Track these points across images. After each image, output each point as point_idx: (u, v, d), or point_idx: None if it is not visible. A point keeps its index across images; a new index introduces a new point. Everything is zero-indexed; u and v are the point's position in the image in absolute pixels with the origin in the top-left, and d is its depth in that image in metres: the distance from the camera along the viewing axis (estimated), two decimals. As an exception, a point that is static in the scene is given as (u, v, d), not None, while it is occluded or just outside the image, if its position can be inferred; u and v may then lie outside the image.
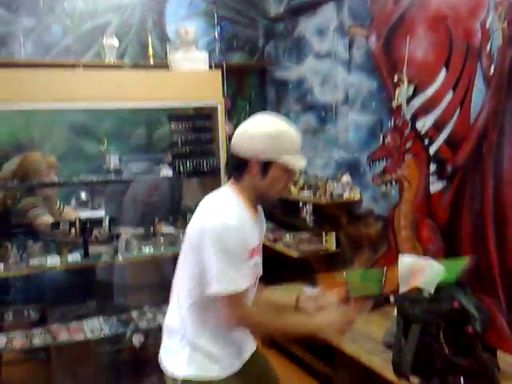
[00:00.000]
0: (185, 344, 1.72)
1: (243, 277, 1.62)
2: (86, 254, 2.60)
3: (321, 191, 3.99)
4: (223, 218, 1.61)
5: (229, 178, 1.78)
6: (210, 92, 2.91)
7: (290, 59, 4.76)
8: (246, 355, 1.84)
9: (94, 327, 2.53)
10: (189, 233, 1.72)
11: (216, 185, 2.67)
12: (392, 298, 3.34)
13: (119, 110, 3.08)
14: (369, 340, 2.91)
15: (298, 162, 1.72)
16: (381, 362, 2.63)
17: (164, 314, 2.73)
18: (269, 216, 5.24)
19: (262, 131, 1.66)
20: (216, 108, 2.87)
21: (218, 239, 1.59)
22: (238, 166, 1.70)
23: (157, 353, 2.73)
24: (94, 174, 3.00)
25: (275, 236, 4.10)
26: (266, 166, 1.66)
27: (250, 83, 5.05)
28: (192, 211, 3.19)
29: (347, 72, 4.02)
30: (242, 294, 1.62)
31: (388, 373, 2.52)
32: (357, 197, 3.88)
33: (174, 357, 1.75)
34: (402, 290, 2.95)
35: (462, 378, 2.29)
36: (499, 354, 2.53)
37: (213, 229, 1.60)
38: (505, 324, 2.77)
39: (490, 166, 2.84)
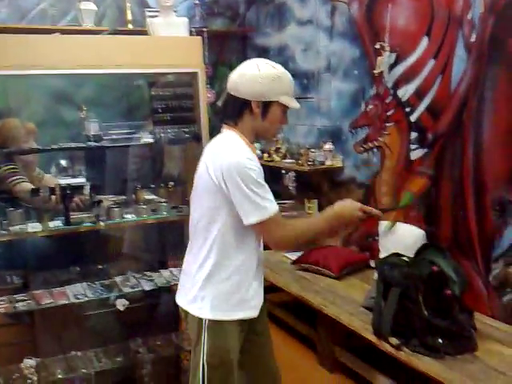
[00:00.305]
0: (210, 290, 1.80)
1: (272, 201, 1.75)
2: (67, 221, 2.57)
3: (303, 159, 4.00)
4: (238, 156, 1.74)
5: (222, 123, 1.89)
6: (190, 58, 2.85)
7: (272, 26, 4.71)
8: (261, 302, 1.94)
9: (78, 292, 2.52)
10: (203, 178, 1.81)
11: (198, 152, 2.66)
12: (373, 263, 3.42)
13: (98, 76, 3.01)
14: (350, 303, 2.98)
15: (295, 103, 1.86)
16: (361, 324, 2.70)
17: (147, 280, 2.77)
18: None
19: (263, 73, 1.78)
20: (197, 75, 2.82)
21: (239, 175, 1.70)
22: (239, 109, 1.81)
23: (140, 316, 2.78)
24: (74, 140, 2.95)
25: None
26: (266, 106, 1.80)
27: (231, 50, 4.99)
28: (174, 179, 3.20)
29: (329, 39, 4.00)
30: (278, 215, 1.75)
31: (368, 334, 2.59)
32: (339, 164, 3.91)
33: (199, 302, 1.81)
34: (382, 255, 3.02)
35: (439, 339, 2.36)
36: (476, 315, 2.62)
37: (232, 167, 1.72)
38: (482, 287, 2.84)
39: (470, 133, 2.88)
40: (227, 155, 1.75)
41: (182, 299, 1.90)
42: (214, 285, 1.80)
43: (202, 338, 1.78)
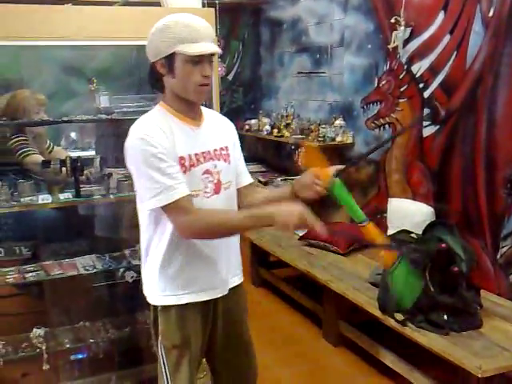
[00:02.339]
0: (156, 276, 1.72)
1: (177, 184, 1.56)
2: (77, 193, 2.58)
3: (313, 135, 3.98)
4: (136, 133, 1.60)
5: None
6: (202, 31, 2.83)
7: (285, -2, 4.64)
8: (221, 289, 1.78)
9: (87, 264, 2.55)
10: None
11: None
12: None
13: (110, 47, 2.99)
14: (356, 279, 2.98)
15: (194, 48, 1.57)
16: (367, 299, 2.71)
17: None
18: (260, 158, 5.24)
19: (154, 28, 1.62)
20: (209, 47, 2.80)
21: (135, 154, 1.58)
22: (152, 75, 1.67)
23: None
24: (85, 113, 2.95)
25: (266, 178, 4.12)
26: (168, 62, 1.60)
27: (244, 23, 4.94)
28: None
29: (343, 13, 3.93)
30: (183, 201, 1.56)
31: (373, 309, 2.60)
32: (349, 140, 3.88)
33: (151, 286, 1.75)
34: (391, 232, 3.01)
35: (445, 315, 2.37)
36: (483, 292, 2.62)
37: (129, 146, 1.60)
38: (489, 264, 2.84)
39: (483, 110, 2.84)
40: (129, 134, 1.62)
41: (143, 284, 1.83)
42: (158, 271, 1.70)
43: (158, 321, 1.74)
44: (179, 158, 1.63)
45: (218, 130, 1.78)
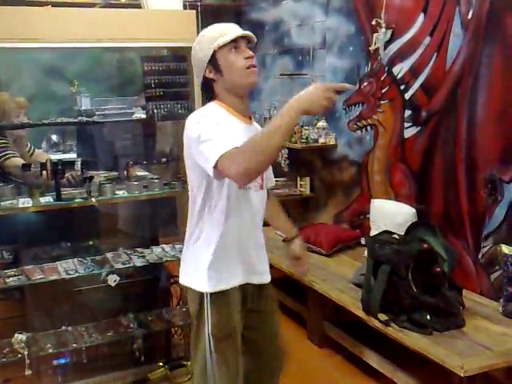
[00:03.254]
0: (202, 262, 1.77)
1: (229, 140, 1.58)
2: (58, 197, 2.56)
3: (296, 136, 3.99)
4: (195, 117, 1.70)
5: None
6: (184, 33, 2.81)
7: (267, 0, 4.64)
8: (256, 277, 1.87)
9: (69, 268, 2.52)
10: (185, 149, 1.78)
11: (190, 128, 2.64)
12: (364, 240, 3.44)
13: (90, 50, 2.98)
14: (340, 279, 3.00)
15: (228, 37, 1.73)
16: (350, 300, 2.72)
17: (138, 256, 2.78)
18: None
19: (192, 49, 1.79)
20: (190, 49, 2.79)
21: (195, 128, 1.65)
22: (205, 83, 1.79)
23: (131, 292, 2.80)
24: (66, 115, 2.92)
25: (250, 181, 4.12)
26: (213, 64, 1.74)
27: (226, 25, 4.94)
28: (166, 155, 3.18)
29: (325, 15, 3.95)
30: (232, 150, 1.56)
31: (357, 310, 2.62)
32: (332, 142, 3.90)
33: (197, 276, 1.79)
34: (373, 233, 3.03)
35: (428, 315, 2.39)
36: (465, 292, 2.65)
37: (188, 127, 1.69)
38: (471, 264, 2.86)
39: (464, 111, 2.87)
40: (189, 119, 1.72)
41: (182, 274, 1.88)
42: (205, 257, 1.77)
43: (205, 311, 1.77)
44: None
45: (258, 131, 1.86)
